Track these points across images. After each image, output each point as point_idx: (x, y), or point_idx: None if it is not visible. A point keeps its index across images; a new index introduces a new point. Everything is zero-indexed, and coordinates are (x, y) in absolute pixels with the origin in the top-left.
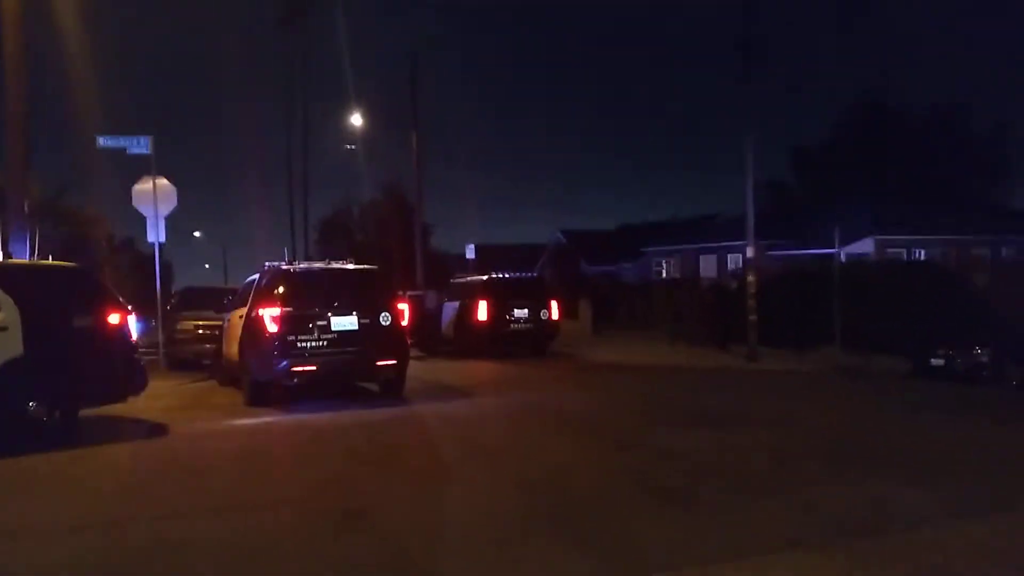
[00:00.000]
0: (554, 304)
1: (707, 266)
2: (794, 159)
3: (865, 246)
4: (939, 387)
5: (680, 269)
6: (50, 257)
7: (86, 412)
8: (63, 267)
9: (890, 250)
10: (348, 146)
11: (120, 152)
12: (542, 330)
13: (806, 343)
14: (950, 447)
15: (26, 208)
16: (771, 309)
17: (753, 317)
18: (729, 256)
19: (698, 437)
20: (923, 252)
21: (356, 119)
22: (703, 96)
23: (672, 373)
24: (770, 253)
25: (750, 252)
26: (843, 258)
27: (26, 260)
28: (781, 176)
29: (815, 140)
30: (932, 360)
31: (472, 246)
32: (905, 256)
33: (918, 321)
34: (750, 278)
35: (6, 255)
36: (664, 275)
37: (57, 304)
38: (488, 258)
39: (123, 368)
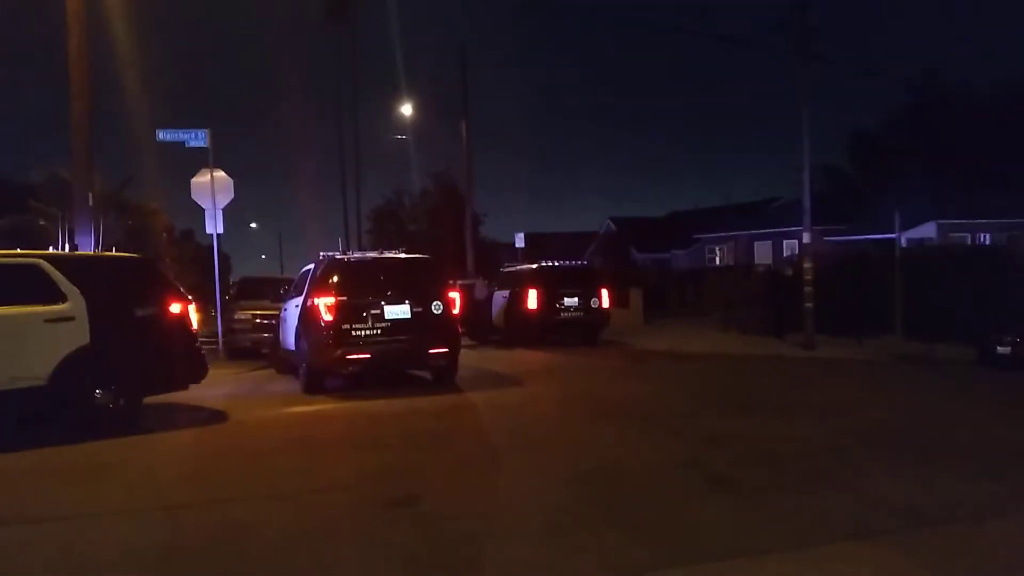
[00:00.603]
0: (604, 292)
1: (762, 252)
2: (852, 142)
3: (927, 231)
4: (1005, 376)
5: (733, 256)
6: (114, 248)
7: (149, 399)
8: (126, 258)
9: (954, 234)
10: (399, 136)
11: (179, 145)
12: (593, 318)
13: (865, 331)
14: (1015, 438)
15: (90, 201)
16: (829, 296)
17: (809, 304)
18: (785, 242)
19: (752, 425)
20: (988, 236)
21: (407, 109)
22: (758, 79)
23: (726, 361)
24: (827, 239)
25: (806, 237)
26: (904, 243)
27: (91, 251)
28: (838, 161)
29: (873, 123)
30: (998, 348)
31: (522, 234)
32: (969, 240)
33: (983, 308)
34: (806, 264)
35: (72, 246)
36: (717, 262)
37: (121, 294)
38: (538, 246)
39: (184, 356)
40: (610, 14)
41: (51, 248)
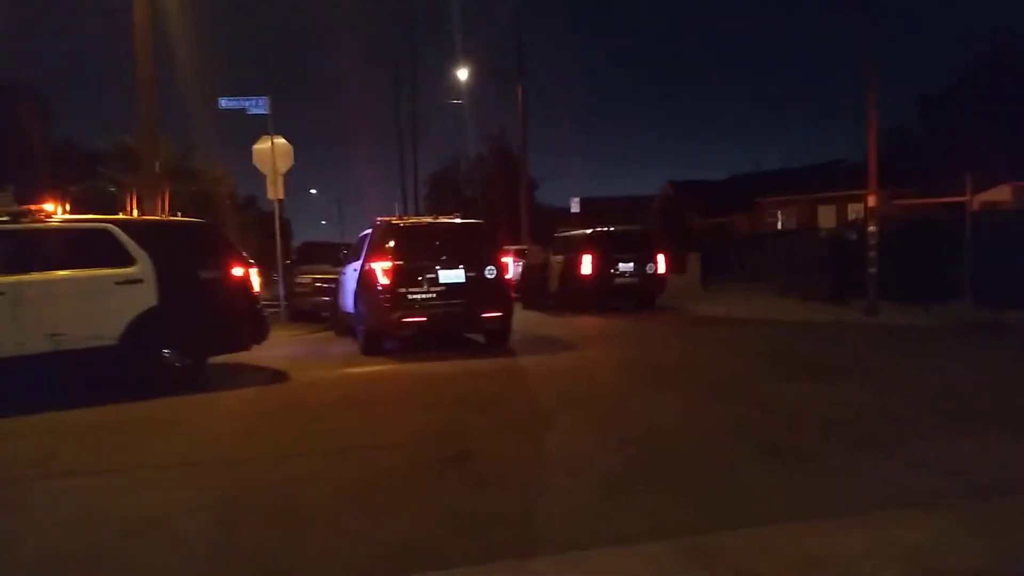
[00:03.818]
0: (661, 257)
1: (825, 216)
2: (922, 103)
3: (1000, 193)
4: None
5: (796, 220)
6: (179, 214)
7: (213, 360)
8: (192, 223)
9: None
10: (455, 101)
11: (241, 113)
12: (648, 284)
13: (932, 297)
14: None
15: (156, 168)
16: (894, 261)
17: (873, 269)
18: (850, 206)
19: (808, 391)
20: None
21: (463, 73)
22: (824, 37)
23: (784, 327)
24: (894, 202)
25: (871, 200)
26: (976, 206)
27: (158, 216)
28: (908, 122)
29: (944, 83)
30: None
31: (577, 199)
32: None
33: None
34: (871, 228)
35: (140, 212)
36: (779, 226)
37: (186, 258)
38: (594, 211)
39: (247, 318)
40: None
41: (120, 213)
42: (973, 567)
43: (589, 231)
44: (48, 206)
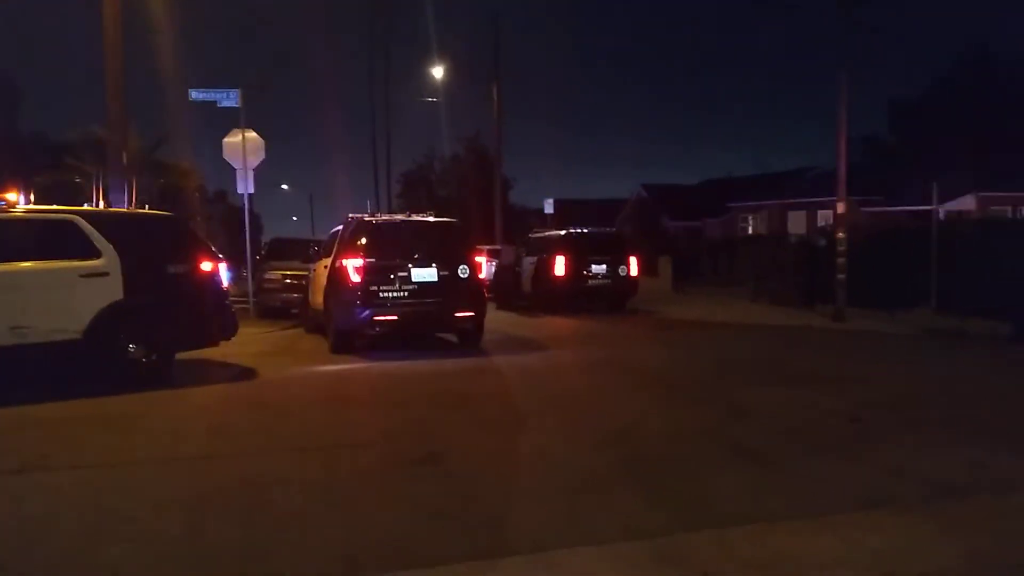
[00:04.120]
0: (633, 260)
1: (796, 223)
2: (892, 112)
3: (965, 203)
4: None
5: (767, 225)
6: (146, 206)
7: (180, 355)
8: (159, 216)
9: (993, 208)
10: (430, 99)
11: (211, 105)
12: (620, 286)
13: (898, 304)
14: None
15: (124, 160)
16: (862, 268)
17: (842, 276)
18: (819, 212)
19: (777, 395)
20: None
21: (438, 71)
22: (797, 44)
23: (754, 331)
24: (863, 209)
25: (840, 207)
26: (942, 215)
27: (125, 209)
28: (878, 130)
29: (914, 94)
30: None
31: (551, 201)
32: (1010, 214)
33: (1021, 283)
34: (840, 234)
35: (107, 204)
36: (750, 231)
37: (154, 251)
38: (568, 213)
39: (215, 314)
40: None
41: (86, 205)
42: (940, 568)
43: (563, 232)
44: (11, 196)
